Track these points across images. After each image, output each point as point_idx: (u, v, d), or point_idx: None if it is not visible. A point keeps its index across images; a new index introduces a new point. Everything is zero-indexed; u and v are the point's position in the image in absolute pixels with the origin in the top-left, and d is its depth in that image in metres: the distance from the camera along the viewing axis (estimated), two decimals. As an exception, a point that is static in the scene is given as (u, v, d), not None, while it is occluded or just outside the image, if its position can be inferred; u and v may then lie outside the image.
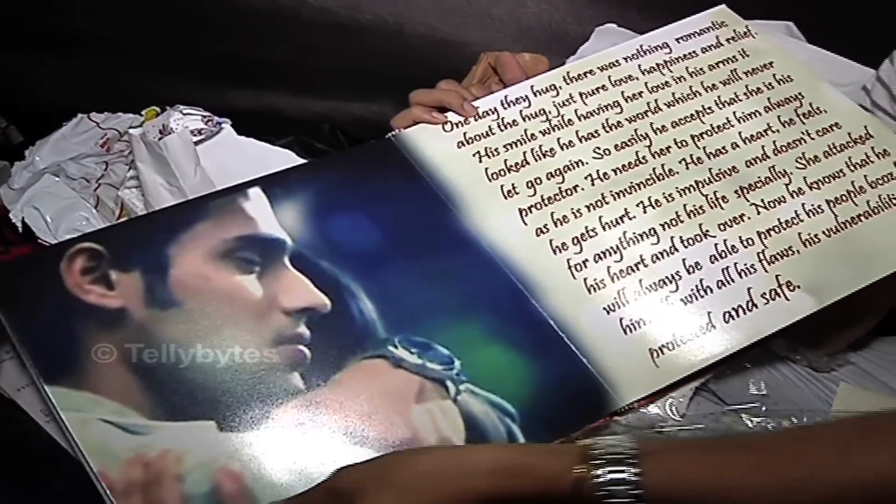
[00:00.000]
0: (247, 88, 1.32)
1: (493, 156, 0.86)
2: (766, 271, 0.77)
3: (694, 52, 0.95)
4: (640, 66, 0.94)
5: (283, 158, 0.89)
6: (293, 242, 0.76)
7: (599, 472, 0.55)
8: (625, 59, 0.95)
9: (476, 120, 0.89)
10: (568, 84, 0.92)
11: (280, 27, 1.30)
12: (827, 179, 0.84)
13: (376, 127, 0.97)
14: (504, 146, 0.87)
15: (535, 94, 0.91)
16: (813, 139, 0.88)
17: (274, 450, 0.64)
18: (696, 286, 0.76)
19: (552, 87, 0.91)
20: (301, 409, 0.66)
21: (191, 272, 0.73)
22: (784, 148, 0.87)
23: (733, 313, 0.75)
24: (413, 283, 0.75)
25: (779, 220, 0.81)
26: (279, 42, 1.32)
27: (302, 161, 0.89)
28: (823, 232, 0.80)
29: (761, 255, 0.78)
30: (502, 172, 0.85)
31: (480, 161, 0.86)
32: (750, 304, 0.75)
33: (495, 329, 0.73)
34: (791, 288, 0.76)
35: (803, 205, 0.82)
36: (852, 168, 0.85)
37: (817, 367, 0.80)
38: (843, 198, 0.83)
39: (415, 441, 0.65)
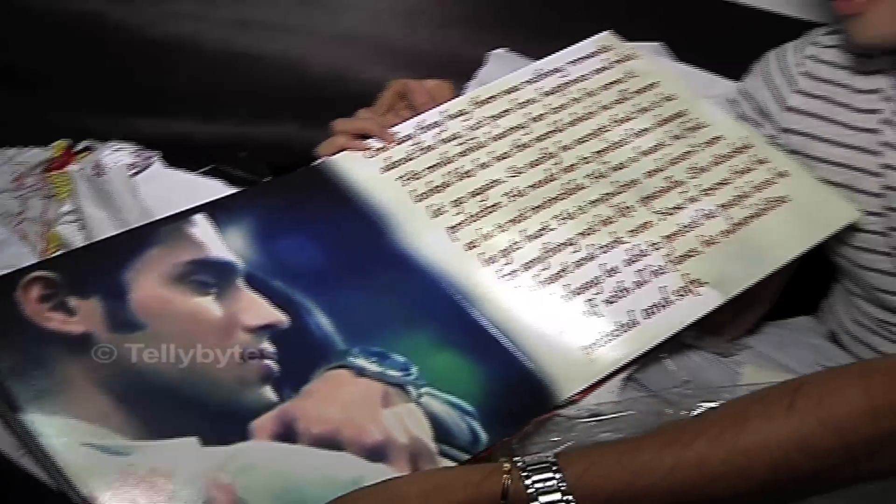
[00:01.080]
0: (155, 117, 1.39)
1: (417, 179, 0.96)
2: (676, 271, 0.90)
3: (586, 75, 1.08)
4: (539, 88, 1.06)
5: (212, 188, 0.97)
6: (244, 264, 0.84)
7: (525, 475, 0.65)
8: (525, 82, 1.06)
9: (396, 146, 0.99)
10: (476, 108, 1.03)
11: (183, 57, 1.38)
12: (717, 186, 0.98)
13: (287, 151, 1.06)
14: (425, 169, 0.97)
15: (448, 119, 1.02)
16: (701, 151, 1.01)
17: (260, 459, 0.72)
18: (617, 288, 0.88)
19: (462, 112, 1.02)
20: (279, 420, 0.74)
21: (150, 296, 0.80)
22: (676, 160, 1.00)
23: (652, 310, 0.87)
24: (361, 299, 0.84)
25: (680, 225, 0.94)
26: (183, 71, 1.40)
27: (230, 189, 0.97)
28: (720, 233, 0.94)
29: (670, 257, 0.91)
30: (427, 194, 0.95)
31: (405, 185, 0.95)
32: (666, 300, 0.88)
33: (443, 337, 0.83)
34: (699, 284, 0.89)
35: (699, 210, 0.96)
36: (737, 175, 0.99)
37: (722, 353, 0.93)
38: (733, 202, 0.97)
39: (390, 442, 0.74)
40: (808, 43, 1.10)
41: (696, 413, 0.77)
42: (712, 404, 0.76)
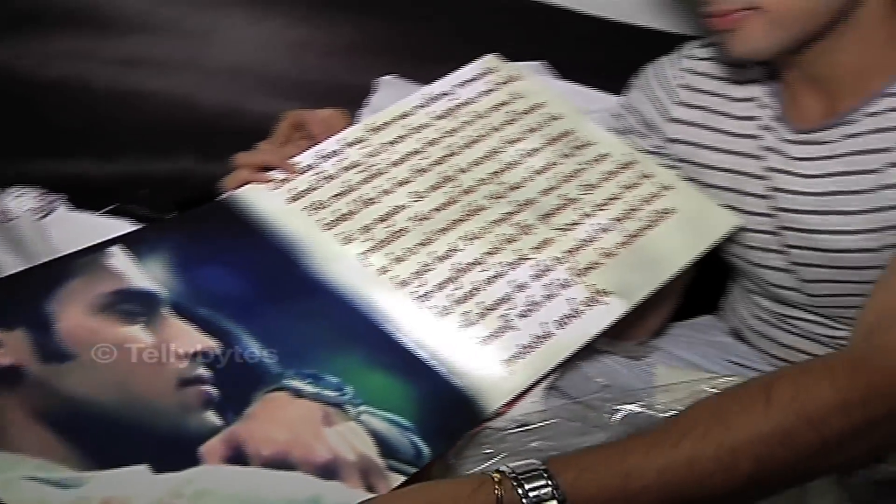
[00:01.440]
0: (49, 159, 1.40)
1: (323, 208, 1.01)
2: (582, 283, 0.97)
3: (474, 97, 1.15)
4: (431, 113, 1.12)
5: (120, 228, 0.99)
6: (167, 293, 0.88)
7: (516, 484, 0.70)
8: (416, 107, 1.13)
9: (299, 176, 1.03)
10: (373, 135, 1.09)
11: (72, 97, 1.39)
12: (609, 201, 1.06)
13: (186, 185, 1.09)
14: (330, 198, 1.02)
15: (346, 147, 1.07)
16: (590, 168, 1.09)
17: (216, 483, 0.75)
18: (528, 302, 0.95)
19: (360, 140, 1.08)
20: (227, 443, 0.78)
21: (77, 325, 0.83)
22: (568, 178, 1.08)
23: (564, 321, 0.94)
24: (286, 324, 0.89)
25: (579, 239, 1.02)
26: (73, 111, 1.41)
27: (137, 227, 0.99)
28: (617, 245, 1.02)
29: (574, 270, 0.98)
30: (335, 222, 1.00)
31: (311, 214, 1.00)
32: (575, 311, 0.95)
33: (370, 358, 0.88)
34: (604, 294, 0.97)
35: (595, 225, 1.03)
36: (626, 190, 1.08)
37: (634, 356, 1.01)
38: (625, 215, 1.05)
39: (338, 460, 0.79)
40: (683, 56, 1.20)
41: (618, 416, 0.83)
42: (632, 406, 0.83)
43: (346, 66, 1.45)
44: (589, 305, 0.96)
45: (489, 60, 1.20)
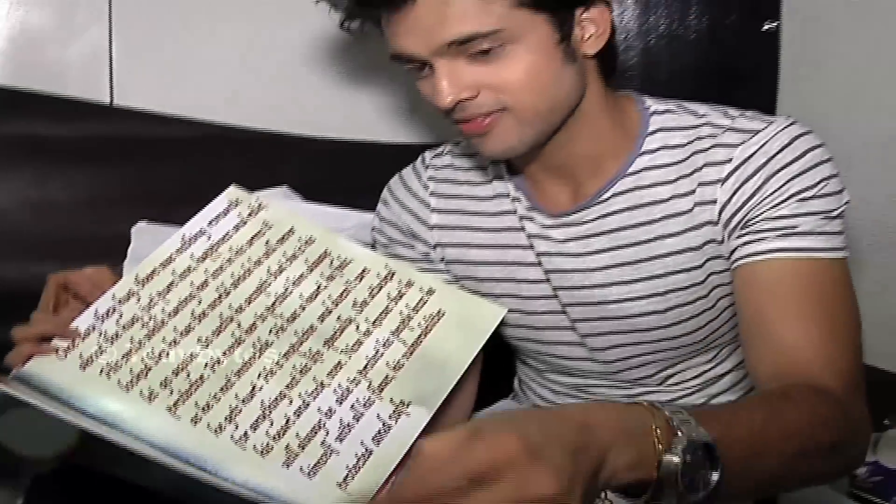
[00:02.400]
0: None
1: (117, 370, 1.10)
2: (382, 399, 1.12)
3: (228, 233, 1.26)
4: (192, 255, 1.23)
5: None
6: None
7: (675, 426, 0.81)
8: (176, 252, 1.23)
9: (83, 340, 1.10)
10: (143, 287, 1.18)
11: None
12: (382, 315, 1.22)
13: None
14: (120, 359, 1.11)
15: (120, 303, 1.15)
16: (356, 286, 1.24)
17: None
18: (340, 426, 1.09)
19: (131, 294, 1.17)
20: None
21: None
22: (339, 299, 1.23)
23: (378, 437, 1.09)
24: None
25: (367, 357, 1.17)
26: None
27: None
28: (402, 357, 1.18)
29: (371, 388, 1.13)
30: (133, 382, 1.09)
31: (108, 378, 1.09)
32: (385, 426, 1.10)
33: (225, 497, 0.99)
34: (405, 405, 1.12)
35: (376, 341, 1.19)
36: (394, 301, 1.24)
37: None
38: (401, 326, 1.21)
39: None
40: (423, 167, 1.38)
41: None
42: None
43: (95, 218, 1.52)
44: (395, 418, 1.11)
45: (231, 193, 1.31)
